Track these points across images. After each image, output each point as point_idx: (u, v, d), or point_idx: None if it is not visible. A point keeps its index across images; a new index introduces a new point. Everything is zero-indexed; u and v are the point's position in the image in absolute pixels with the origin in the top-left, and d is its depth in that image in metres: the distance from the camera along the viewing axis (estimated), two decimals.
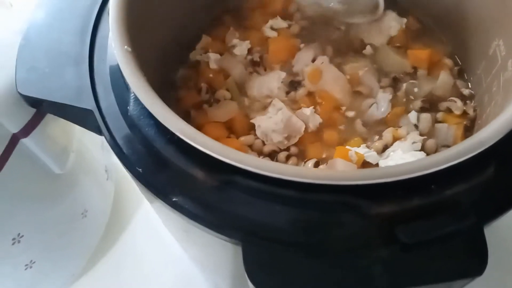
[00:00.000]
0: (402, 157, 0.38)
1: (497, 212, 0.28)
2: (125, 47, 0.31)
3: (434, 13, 0.46)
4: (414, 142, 0.39)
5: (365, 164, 0.38)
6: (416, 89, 0.43)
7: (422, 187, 0.27)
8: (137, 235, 0.58)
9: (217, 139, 0.38)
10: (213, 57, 0.44)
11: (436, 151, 0.40)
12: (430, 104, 0.42)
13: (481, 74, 0.41)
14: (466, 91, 0.43)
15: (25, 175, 0.41)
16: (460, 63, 0.45)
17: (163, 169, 0.30)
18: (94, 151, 0.53)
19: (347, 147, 0.39)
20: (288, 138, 0.39)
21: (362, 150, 0.38)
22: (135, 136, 0.31)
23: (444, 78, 0.43)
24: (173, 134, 0.28)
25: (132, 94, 0.31)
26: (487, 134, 0.27)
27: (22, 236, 0.42)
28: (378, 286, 0.27)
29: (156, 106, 0.29)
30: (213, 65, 0.44)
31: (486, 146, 0.27)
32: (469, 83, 0.43)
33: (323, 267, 0.27)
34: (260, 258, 0.27)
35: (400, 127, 0.41)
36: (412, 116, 0.41)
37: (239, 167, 0.27)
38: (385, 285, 0.27)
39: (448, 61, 0.45)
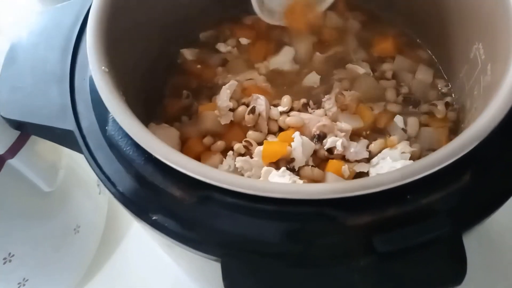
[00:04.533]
0: (392, 166, 0.38)
1: (474, 219, 0.28)
2: (103, 67, 0.31)
3: (415, 20, 0.46)
4: (403, 152, 0.39)
5: (356, 176, 0.38)
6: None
7: (398, 196, 0.28)
8: (132, 248, 0.58)
9: (200, 153, 0.39)
10: (188, 51, 0.47)
11: (420, 155, 0.40)
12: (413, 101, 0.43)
13: (463, 77, 0.41)
14: (445, 89, 0.44)
15: (14, 194, 0.41)
16: (441, 68, 0.45)
17: (143, 187, 0.30)
18: (86, 166, 0.53)
19: None
20: None
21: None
22: (115, 155, 0.32)
23: (422, 68, 0.45)
24: (150, 153, 0.29)
25: (111, 114, 0.32)
26: (460, 143, 0.27)
27: (13, 255, 0.42)
28: None
29: (132, 127, 0.29)
30: (188, 57, 0.47)
31: (460, 155, 0.27)
32: (451, 87, 0.44)
33: (302, 278, 0.27)
34: (240, 273, 0.28)
35: (390, 135, 0.41)
36: (399, 120, 0.42)
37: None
38: None
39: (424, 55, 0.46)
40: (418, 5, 0.45)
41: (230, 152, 0.39)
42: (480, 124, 0.27)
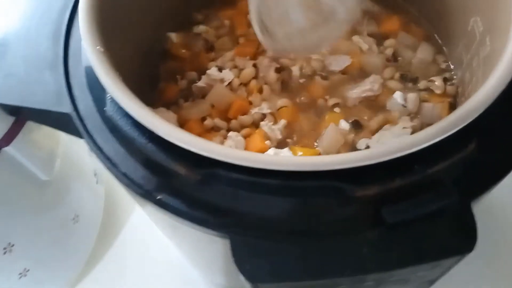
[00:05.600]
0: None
1: (482, 187, 0.28)
2: (98, 47, 0.31)
3: None
4: (404, 128, 0.39)
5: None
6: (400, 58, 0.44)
7: (405, 166, 0.27)
8: (131, 237, 0.58)
9: (199, 135, 0.39)
10: (173, 35, 0.46)
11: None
12: (411, 78, 0.43)
13: (461, 51, 0.41)
14: (443, 65, 0.43)
15: (11, 183, 0.40)
16: (440, 41, 0.45)
17: (145, 167, 0.30)
18: (82, 155, 0.52)
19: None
20: None
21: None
22: (115, 136, 0.31)
23: (424, 46, 0.44)
24: (151, 132, 0.28)
25: (109, 95, 0.31)
26: (466, 111, 0.27)
27: (13, 245, 0.42)
28: (367, 268, 0.27)
29: (132, 105, 0.28)
30: (174, 40, 0.46)
31: (466, 123, 0.26)
32: (450, 61, 0.43)
33: (311, 252, 0.27)
34: (249, 249, 0.27)
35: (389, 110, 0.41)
36: (398, 96, 0.41)
37: (219, 160, 0.27)
38: (374, 266, 0.27)
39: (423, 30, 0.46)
40: None
41: (231, 133, 0.38)
42: (487, 89, 0.27)
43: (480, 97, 0.27)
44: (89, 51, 0.30)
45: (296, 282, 0.28)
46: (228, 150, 0.27)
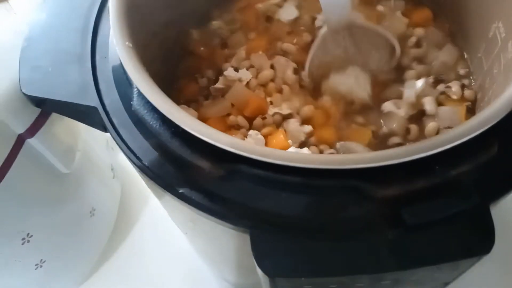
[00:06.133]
0: None
1: (501, 191, 0.28)
2: (126, 43, 0.31)
3: None
4: None
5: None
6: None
7: (426, 168, 0.28)
8: (145, 232, 0.58)
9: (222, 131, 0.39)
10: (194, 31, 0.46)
11: (437, 134, 0.40)
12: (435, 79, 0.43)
13: (482, 57, 0.41)
14: (462, 71, 0.43)
15: (32, 175, 0.41)
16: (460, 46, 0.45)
17: (169, 161, 0.30)
18: (100, 150, 0.53)
19: None
20: None
21: None
22: (140, 130, 0.32)
23: (448, 47, 0.44)
24: (177, 127, 0.29)
25: (135, 89, 0.32)
26: (489, 114, 0.27)
27: (32, 235, 0.42)
28: (385, 267, 0.27)
29: (160, 100, 0.29)
30: (195, 36, 0.46)
31: (489, 126, 0.27)
32: (470, 67, 0.43)
33: (330, 250, 0.27)
34: (268, 244, 0.28)
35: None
36: (422, 82, 0.42)
37: (244, 156, 0.27)
38: (392, 266, 0.27)
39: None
40: None
41: (251, 131, 0.39)
42: (509, 95, 0.27)
43: (502, 102, 0.27)
44: (118, 46, 0.31)
45: (314, 279, 0.28)
46: (255, 146, 0.27)
